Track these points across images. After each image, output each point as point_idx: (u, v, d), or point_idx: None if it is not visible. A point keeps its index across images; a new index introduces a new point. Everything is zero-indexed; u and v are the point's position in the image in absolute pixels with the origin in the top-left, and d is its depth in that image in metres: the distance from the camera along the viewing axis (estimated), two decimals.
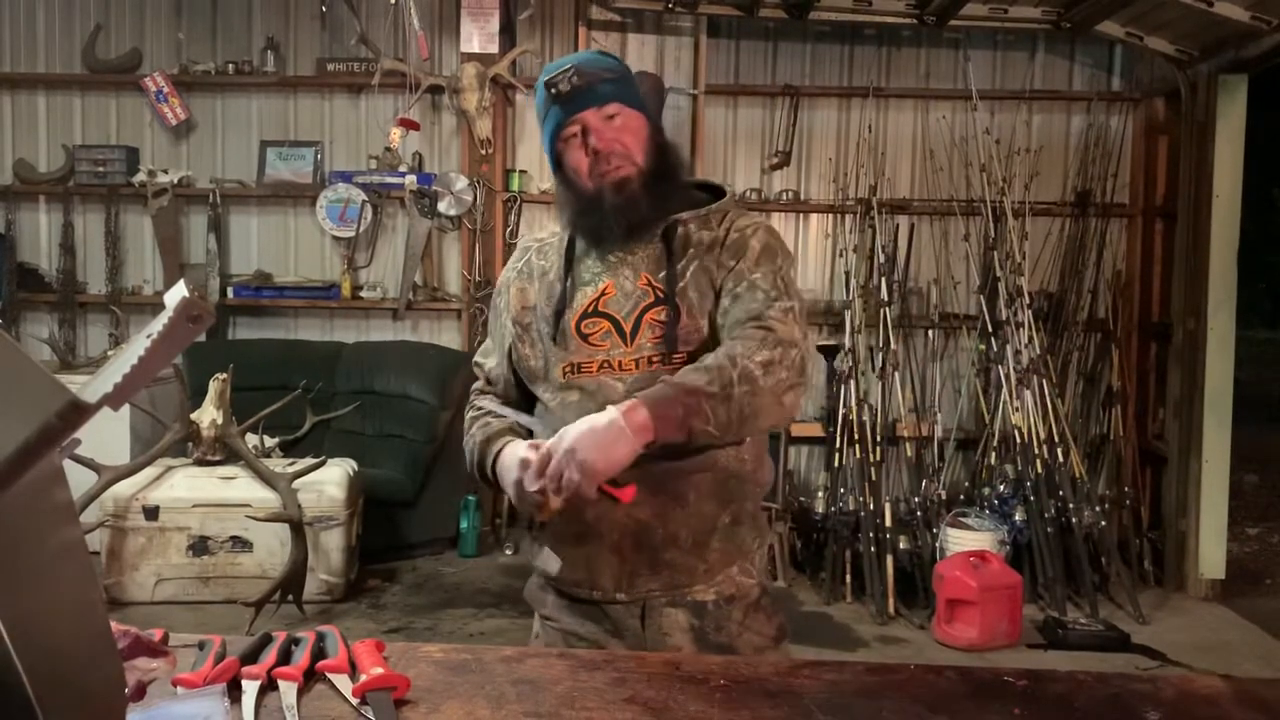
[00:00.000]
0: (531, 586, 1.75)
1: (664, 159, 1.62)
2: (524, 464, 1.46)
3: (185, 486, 4.36)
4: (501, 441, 1.61)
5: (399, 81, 5.40)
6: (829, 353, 5.27)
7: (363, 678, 1.22)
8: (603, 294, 1.60)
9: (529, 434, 1.63)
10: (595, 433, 1.39)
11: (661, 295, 1.58)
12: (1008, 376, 4.92)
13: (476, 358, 1.81)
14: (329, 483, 4.40)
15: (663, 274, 1.59)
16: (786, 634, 1.70)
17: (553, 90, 1.57)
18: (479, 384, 1.79)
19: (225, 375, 4.41)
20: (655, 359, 1.56)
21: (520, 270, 1.73)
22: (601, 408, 1.45)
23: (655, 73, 5.29)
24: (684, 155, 1.73)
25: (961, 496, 5.05)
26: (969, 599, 4.12)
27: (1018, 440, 4.80)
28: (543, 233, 1.77)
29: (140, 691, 1.11)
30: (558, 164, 1.64)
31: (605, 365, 1.58)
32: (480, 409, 1.73)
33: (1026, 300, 5.01)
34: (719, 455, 1.59)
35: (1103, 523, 4.71)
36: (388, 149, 5.48)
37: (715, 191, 1.72)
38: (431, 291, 5.65)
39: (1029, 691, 1.29)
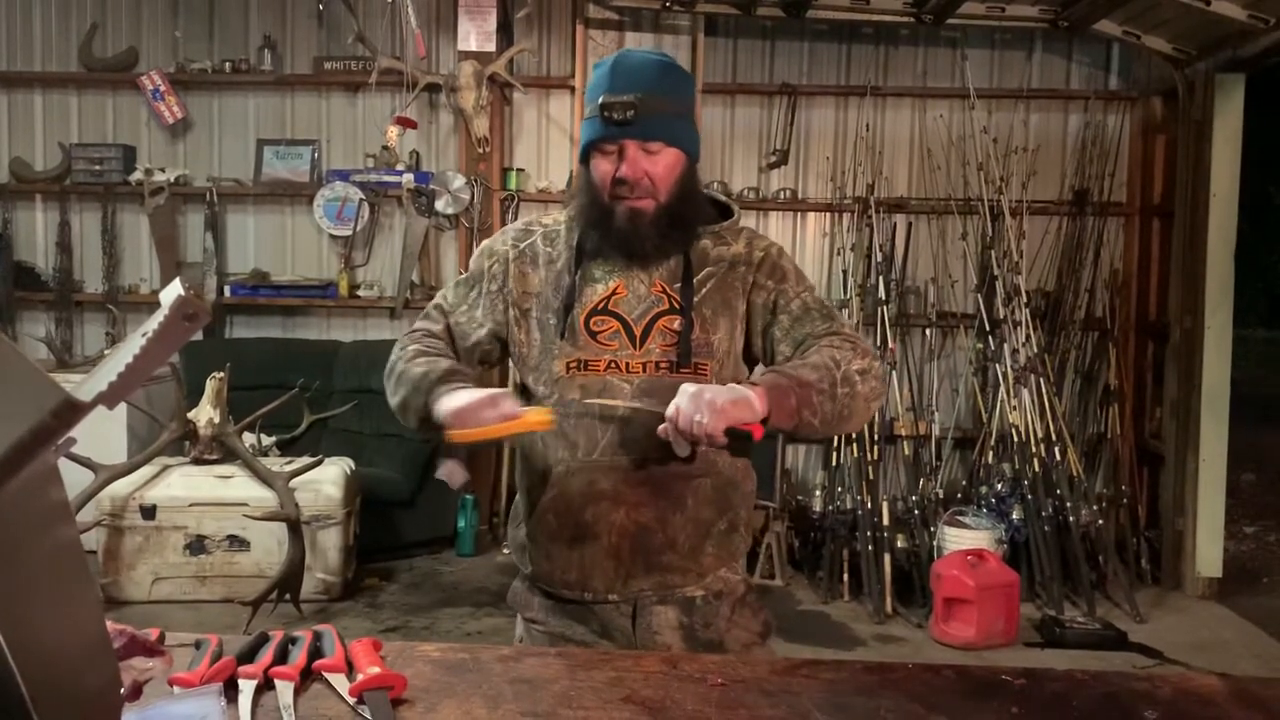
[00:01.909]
0: (516, 589, 1.73)
1: (686, 201, 1.61)
2: (493, 400, 1.45)
3: (182, 485, 4.36)
4: (456, 382, 1.54)
5: (396, 80, 5.40)
6: None
7: (360, 677, 1.22)
8: (613, 293, 1.60)
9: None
10: (717, 388, 1.43)
11: (677, 305, 1.59)
12: (1005, 375, 4.92)
13: (441, 302, 1.71)
14: (326, 482, 4.40)
15: (678, 285, 1.60)
16: (771, 630, 1.72)
17: (606, 114, 1.53)
18: (435, 327, 1.69)
19: (222, 374, 4.41)
20: (664, 365, 1.57)
21: (523, 250, 1.68)
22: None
23: None
24: (705, 197, 1.70)
25: (959, 495, 5.05)
26: (966, 598, 4.12)
27: (1015, 439, 4.80)
28: (547, 218, 1.73)
29: (136, 691, 1.11)
30: (585, 159, 1.62)
31: (613, 365, 1.58)
32: (432, 348, 1.64)
33: (1024, 299, 5.02)
34: (720, 461, 1.61)
35: (1100, 521, 4.72)
36: (385, 147, 5.47)
37: (721, 207, 1.72)
38: (429, 290, 5.64)
39: (1026, 690, 1.29)
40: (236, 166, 5.74)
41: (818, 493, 5.01)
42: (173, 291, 0.70)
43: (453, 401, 1.48)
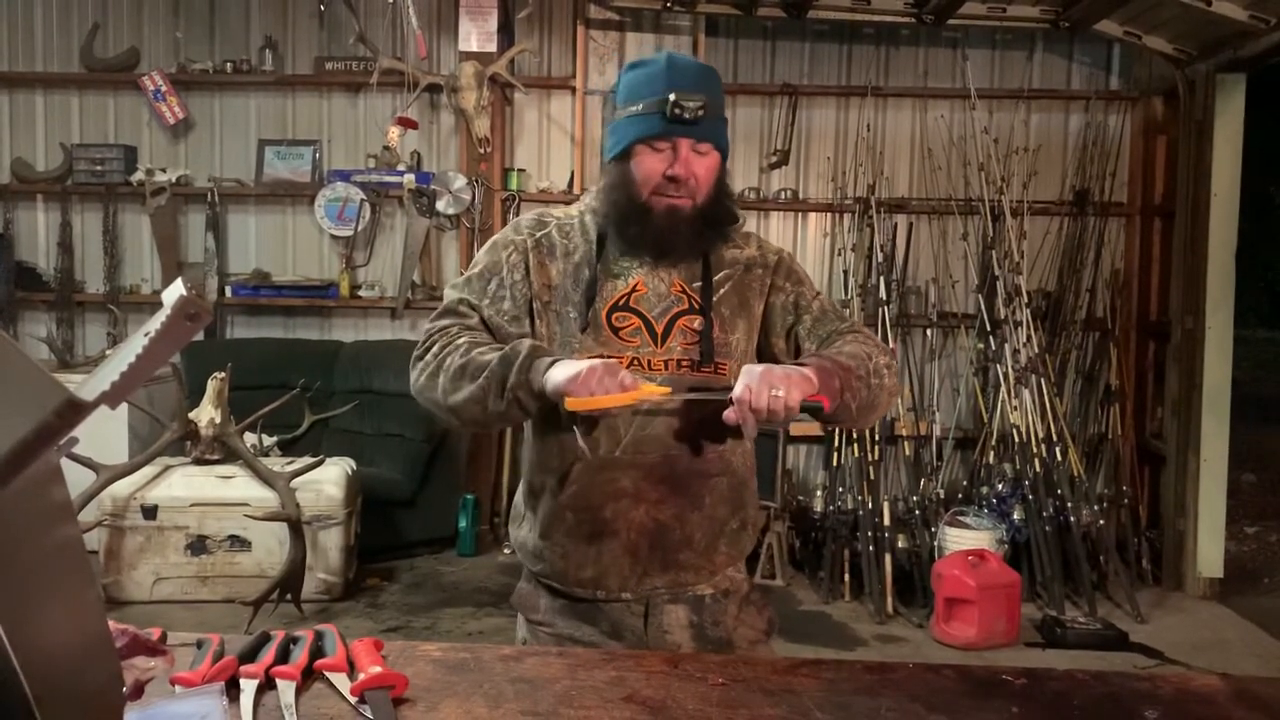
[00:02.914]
0: (521, 590, 1.72)
1: (718, 203, 1.63)
2: (611, 368, 1.43)
3: (183, 485, 4.36)
4: (546, 354, 1.51)
5: (397, 80, 5.40)
6: None
7: (361, 676, 1.22)
8: (634, 290, 1.61)
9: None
10: (779, 366, 1.49)
11: (696, 305, 1.62)
12: (1006, 375, 4.92)
13: (466, 296, 1.64)
14: (327, 482, 4.40)
15: (697, 284, 1.63)
16: (775, 627, 1.74)
17: (677, 111, 1.53)
18: (469, 321, 1.62)
19: (223, 374, 4.40)
20: (685, 363, 1.59)
21: (539, 240, 1.66)
22: None
23: None
24: (734, 202, 1.71)
25: (960, 495, 5.04)
26: (967, 598, 4.12)
27: (1016, 439, 4.80)
28: (557, 210, 1.72)
29: (138, 690, 1.11)
30: (623, 154, 1.59)
31: (635, 362, 1.58)
32: (482, 339, 1.59)
33: (1025, 299, 5.02)
34: (734, 460, 1.63)
35: (1101, 521, 4.72)
36: (386, 148, 5.47)
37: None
38: (430, 290, 5.64)
39: (1027, 690, 1.29)
40: (238, 167, 5.75)
41: (818, 493, 5.00)
42: (175, 291, 0.70)
43: (566, 370, 1.44)
